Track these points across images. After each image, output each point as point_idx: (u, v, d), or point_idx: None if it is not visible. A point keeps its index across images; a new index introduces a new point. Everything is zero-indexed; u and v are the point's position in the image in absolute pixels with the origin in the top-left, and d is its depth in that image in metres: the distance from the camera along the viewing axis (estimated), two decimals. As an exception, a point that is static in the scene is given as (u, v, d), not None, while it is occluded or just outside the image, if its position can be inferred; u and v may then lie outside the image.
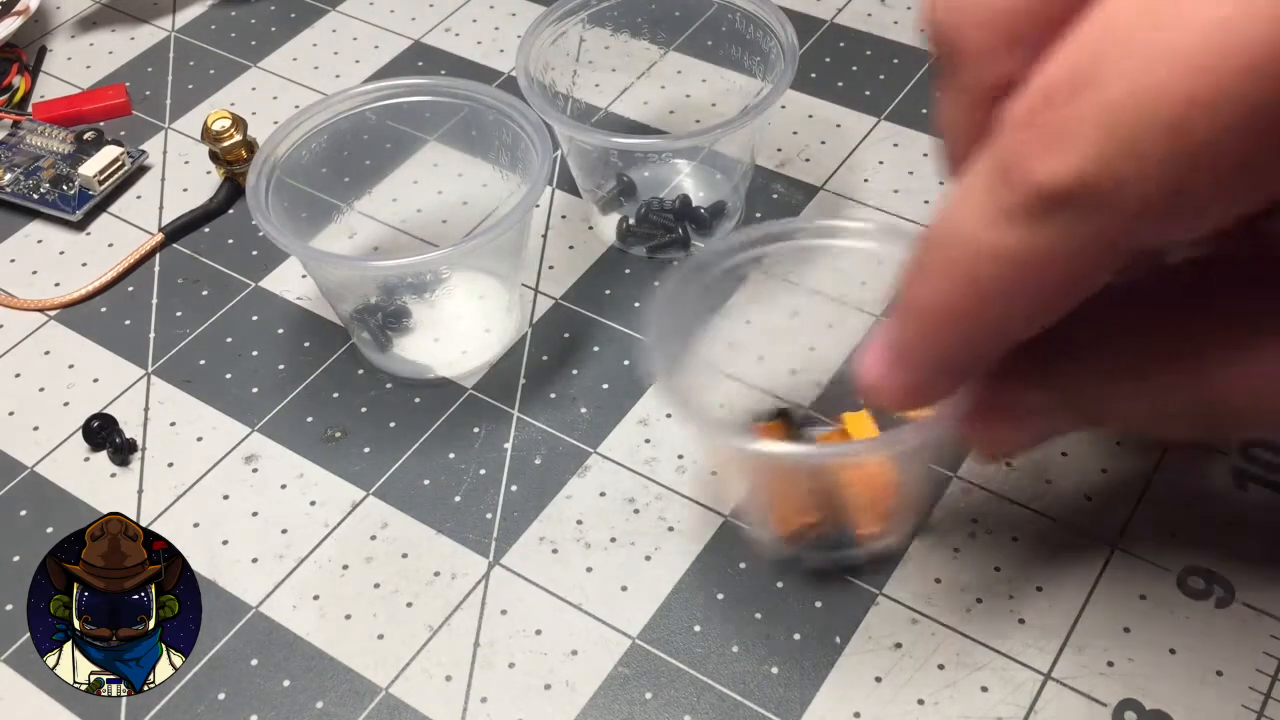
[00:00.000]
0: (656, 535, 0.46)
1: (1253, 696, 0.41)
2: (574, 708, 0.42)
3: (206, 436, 0.50)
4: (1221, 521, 0.45)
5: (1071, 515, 0.46)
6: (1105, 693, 0.41)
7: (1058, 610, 0.43)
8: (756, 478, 0.44)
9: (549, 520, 0.47)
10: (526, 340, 0.53)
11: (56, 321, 0.55)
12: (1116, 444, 0.48)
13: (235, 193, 0.59)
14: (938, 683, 0.42)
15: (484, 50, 0.66)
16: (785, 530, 0.44)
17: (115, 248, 0.57)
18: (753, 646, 0.43)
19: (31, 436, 0.50)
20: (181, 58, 0.67)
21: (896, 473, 0.44)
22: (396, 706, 0.42)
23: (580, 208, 0.58)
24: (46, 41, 0.69)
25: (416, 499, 0.48)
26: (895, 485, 0.44)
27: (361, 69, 0.66)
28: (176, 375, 0.52)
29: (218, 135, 0.58)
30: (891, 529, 0.45)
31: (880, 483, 0.44)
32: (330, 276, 0.50)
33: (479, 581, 0.45)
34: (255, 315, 0.54)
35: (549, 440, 0.49)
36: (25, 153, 0.61)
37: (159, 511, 0.48)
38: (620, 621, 0.44)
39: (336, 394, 0.51)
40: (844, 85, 0.63)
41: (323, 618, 0.45)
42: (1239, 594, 0.43)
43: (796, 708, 0.42)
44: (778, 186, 0.58)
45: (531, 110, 0.50)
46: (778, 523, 0.44)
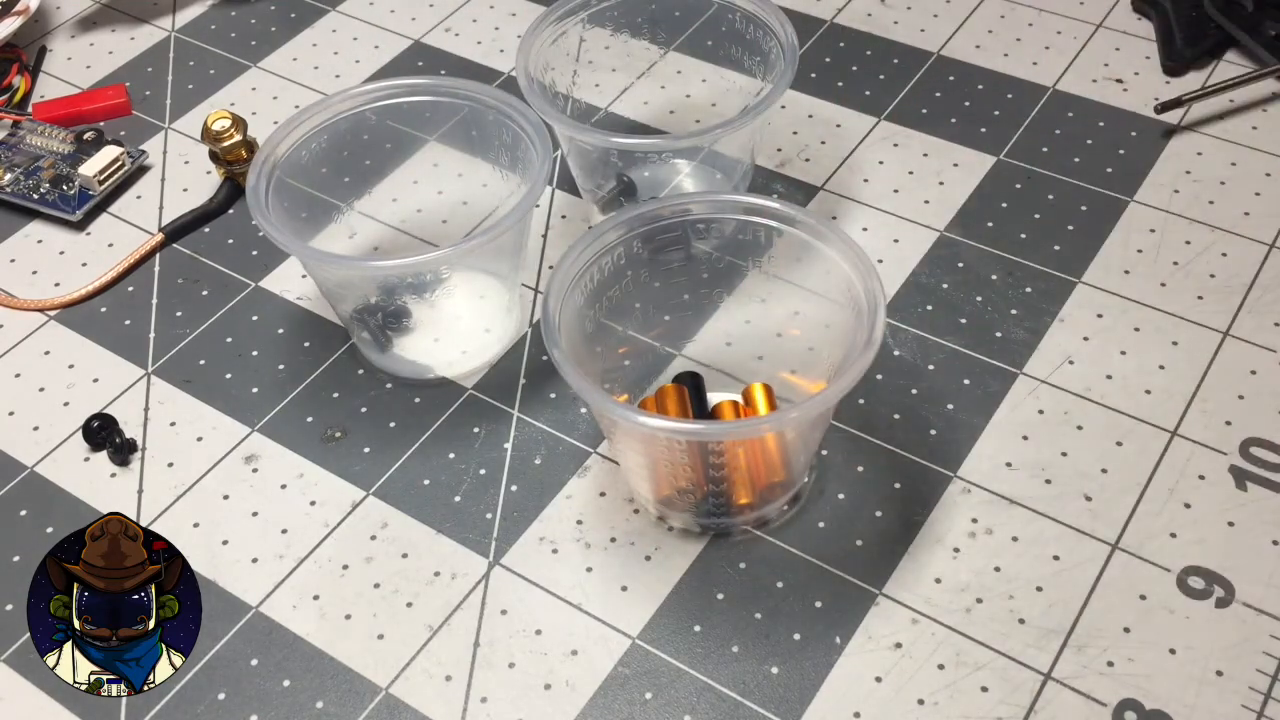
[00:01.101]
0: (656, 535, 0.46)
1: (1253, 696, 0.41)
2: (574, 708, 0.42)
3: (206, 436, 0.50)
4: (1221, 521, 0.45)
5: (1072, 515, 0.46)
6: (1105, 693, 0.41)
7: (1058, 610, 0.43)
8: (634, 443, 0.44)
9: (549, 520, 0.47)
10: (526, 340, 0.53)
11: (56, 321, 0.55)
12: (1117, 444, 0.48)
13: (235, 193, 0.59)
14: (938, 683, 0.42)
15: (484, 50, 0.66)
16: (659, 495, 0.45)
17: (115, 248, 0.57)
18: (753, 646, 0.43)
19: (31, 436, 0.50)
20: (181, 58, 0.67)
21: (776, 449, 0.45)
22: (396, 706, 0.42)
23: (580, 208, 0.58)
24: (46, 41, 0.69)
25: (416, 499, 0.48)
26: (774, 460, 0.45)
27: (361, 69, 0.66)
28: (176, 375, 0.52)
29: (218, 135, 0.58)
30: (769, 499, 0.46)
31: (758, 458, 0.45)
32: (330, 276, 0.50)
33: (479, 581, 0.45)
34: (255, 315, 0.54)
35: (549, 440, 0.49)
36: (25, 153, 0.61)
37: (159, 511, 0.48)
38: (620, 621, 0.44)
39: (336, 394, 0.51)
40: (844, 85, 0.63)
41: (323, 618, 0.45)
42: (1239, 594, 0.43)
43: (796, 708, 0.42)
44: (778, 186, 0.58)
45: (531, 110, 0.50)
46: (653, 487, 0.45)
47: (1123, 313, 0.52)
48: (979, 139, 0.60)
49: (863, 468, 0.48)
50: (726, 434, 0.42)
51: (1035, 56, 0.64)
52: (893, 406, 0.49)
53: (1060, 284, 0.53)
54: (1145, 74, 0.63)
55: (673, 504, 0.46)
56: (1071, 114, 0.61)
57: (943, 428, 0.49)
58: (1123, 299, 0.53)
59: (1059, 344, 0.51)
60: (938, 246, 0.55)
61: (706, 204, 0.47)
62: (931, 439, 0.48)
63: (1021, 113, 0.61)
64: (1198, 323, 0.52)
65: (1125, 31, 0.65)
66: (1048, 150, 0.59)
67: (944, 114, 0.61)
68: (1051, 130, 0.60)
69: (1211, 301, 0.52)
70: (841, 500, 0.47)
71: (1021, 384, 0.50)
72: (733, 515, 0.46)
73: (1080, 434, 0.48)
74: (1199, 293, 0.53)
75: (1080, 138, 0.60)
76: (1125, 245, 0.55)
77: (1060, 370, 0.50)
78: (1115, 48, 0.64)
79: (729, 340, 0.51)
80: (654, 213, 0.46)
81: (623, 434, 0.43)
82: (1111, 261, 0.54)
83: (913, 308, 0.53)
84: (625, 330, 0.49)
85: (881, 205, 0.57)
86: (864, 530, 0.46)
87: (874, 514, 0.46)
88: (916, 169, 0.59)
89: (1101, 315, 0.52)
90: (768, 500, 0.46)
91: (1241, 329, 0.51)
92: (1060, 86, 0.62)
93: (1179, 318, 0.52)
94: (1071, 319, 0.52)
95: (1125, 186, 0.57)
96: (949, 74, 0.63)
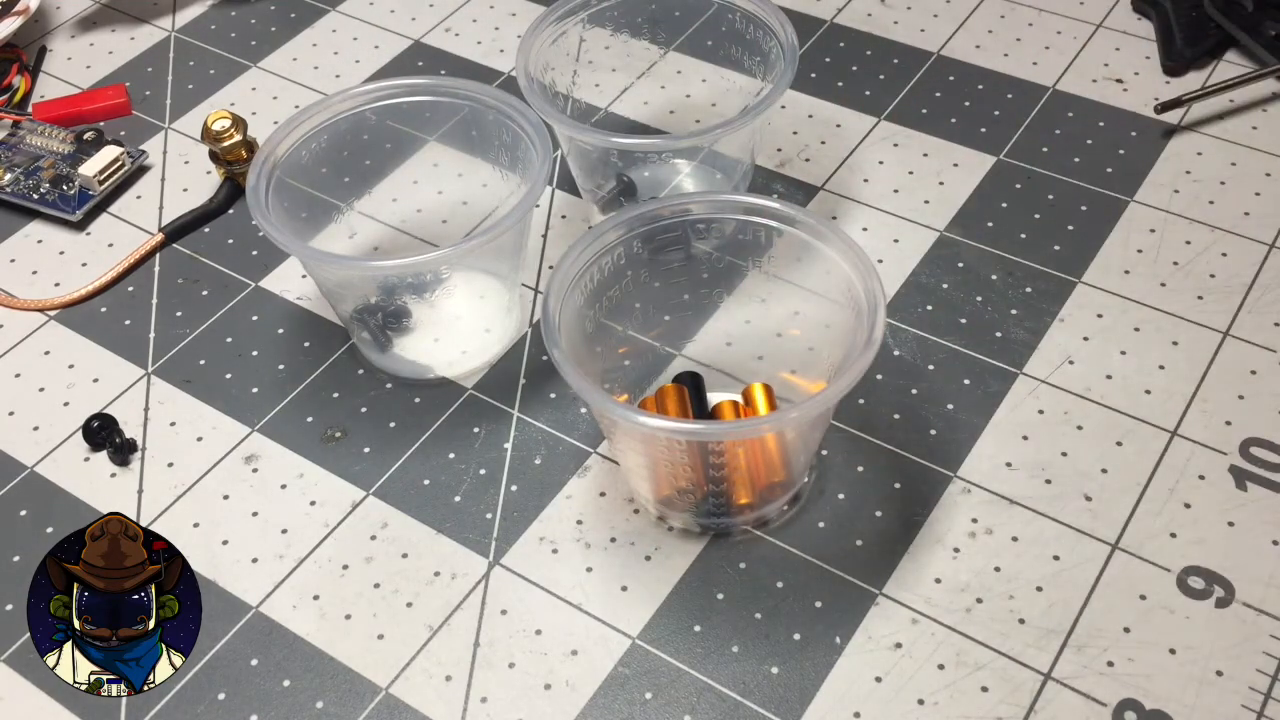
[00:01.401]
0: (656, 535, 0.46)
1: (1253, 696, 0.41)
2: (574, 708, 0.42)
3: (206, 436, 0.50)
4: (1221, 521, 0.45)
5: (1072, 515, 0.46)
6: (1105, 693, 0.41)
7: (1058, 610, 0.43)
8: (634, 443, 0.45)
9: (549, 520, 0.47)
10: (526, 340, 0.53)
11: (56, 321, 0.55)
12: (1117, 444, 0.48)
13: (235, 193, 0.59)
14: (938, 683, 0.42)
15: (484, 50, 0.66)
16: (659, 495, 0.46)
17: (115, 248, 0.57)
18: (753, 646, 0.43)
19: (31, 436, 0.50)
20: (181, 58, 0.67)
21: (776, 449, 0.45)
22: (396, 706, 0.42)
23: (580, 208, 0.58)
24: (46, 41, 0.69)
25: (416, 499, 0.48)
26: (774, 460, 0.45)
27: (361, 69, 0.66)
28: (176, 375, 0.52)
29: (218, 135, 0.58)
30: (769, 499, 0.46)
31: (758, 458, 0.45)
32: (330, 276, 0.50)
33: (479, 581, 0.45)
34: (255, 315, 0.54)
35: (549, 440, 0.49)
36: (25, 153, 0.61)
37: (159, 511, 0.48)
38: (620, 621, 0.44)
39: (336, 394, 0.51)
40: (844, 85, 0.63)
41: (323, 618, 0.45)
42: (1239, 594, 0.43)
43: (796, 708, 0.41)
44: (778, 186, 0.58)
45: (531, 110, 0.50)
46: (653, 487, 0.45)
47: (1123, 313, 0.52)
48: (979, 139, 0.60)
49: (863, 468, 0.48)
50: (726, 434, 0.42)
51: (1035, 56, 0.64)
52: (893, 406, 0.49)
53: (1060, 284, 0.53)
54: (1145, 74, 0.63)
55: (673, 504, 0.46)
56: (1071, 114, 0.61)
57: (943, 428, 0.49)
58: (1123, 299, 0.53)
59: (1059, 344, 0.51)
60: (938, 246, 0.55)
61: (706, 204, 0.47)
62: (931, 439, 0.48)
63: (1021, 112, 0.61)
64: (1198, 323, 0.52)
65: (1125, 31, 0.65)
66: (1048, 150, 0.59)
67: (944, 114, 0.61)
68: (1052, 130, 0.60)
69: (1211, 301, 0.52)
70: (841, 500, 0.47)
71: (1021, 384, 0.50)
72: (733, 515, 0.46)
73: (1080, 434, 0.48)
74: (1199, 293, 0.53)
75: (1080, 137, 0.60)
76: (1125, 245, 0.55)
77: (1060, 370, 0.50)
78: (1115, 48, 0.64)
79: (729, 340, 0.51)
80: (654, 213, 0.46)
81: (622, 434, 0.43)
82: (1111, 261, 0.54)
83: (913, 308, 0.53)
84: (625, 330, 0.49)
85: (881, 205, 0.57)
86: (864, 530, 0.46)
87: (874, 514, 0.46)
88: (916, 169, 0.59)
89: (1101, 315, 0.52)
90: (768, 500, 0.46)
91: (1241, 329, 0.51)
92: (1060, 86, 0.62)
93: (1179, 318, 0.52)
94: (1071, 319, 0.52)
95: (1125, 186, 0.57)
96: (949, 74, 0.63)
